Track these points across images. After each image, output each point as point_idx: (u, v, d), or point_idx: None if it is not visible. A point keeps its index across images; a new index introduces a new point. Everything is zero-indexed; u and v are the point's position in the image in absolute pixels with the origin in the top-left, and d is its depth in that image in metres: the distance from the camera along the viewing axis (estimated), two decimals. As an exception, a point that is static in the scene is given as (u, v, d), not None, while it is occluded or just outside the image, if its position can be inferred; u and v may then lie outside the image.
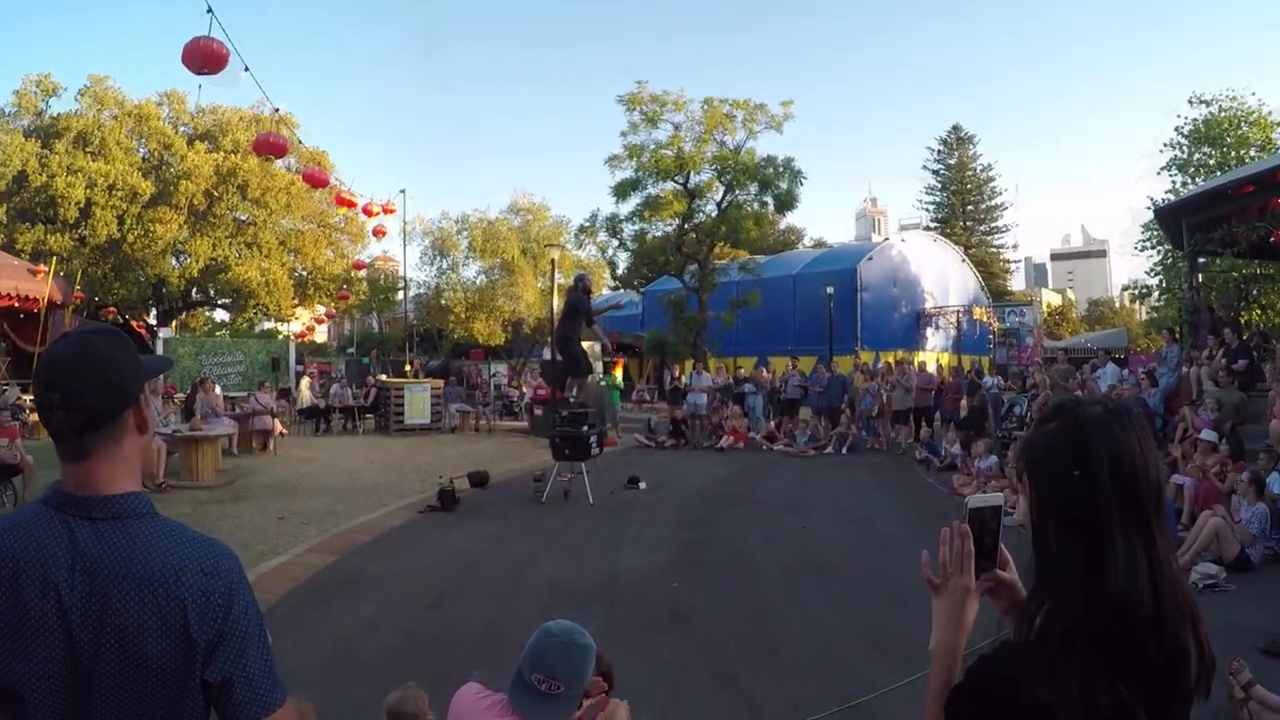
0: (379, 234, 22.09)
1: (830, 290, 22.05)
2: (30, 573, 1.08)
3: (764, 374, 17.43)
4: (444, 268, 26.27)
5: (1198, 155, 22.05)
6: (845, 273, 25.46)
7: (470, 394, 20.97)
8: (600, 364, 19.63)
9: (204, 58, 7.59)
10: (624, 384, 22.37)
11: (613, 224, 22.86)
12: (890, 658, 4.28)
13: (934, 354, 26.11)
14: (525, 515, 8.47)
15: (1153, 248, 22.91)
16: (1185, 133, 22.21)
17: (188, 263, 23.97)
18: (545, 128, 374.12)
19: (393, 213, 19.86)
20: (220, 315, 30.37)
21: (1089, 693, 0.96)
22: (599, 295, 24.01)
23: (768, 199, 21.73)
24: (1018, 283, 61.78)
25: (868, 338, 24.67)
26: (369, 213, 18.99)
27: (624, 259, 28.40)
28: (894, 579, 5.76)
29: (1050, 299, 59.84)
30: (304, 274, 26.39)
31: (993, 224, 47.55)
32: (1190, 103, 22.29)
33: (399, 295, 29.46)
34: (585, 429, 9.41)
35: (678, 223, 22.10)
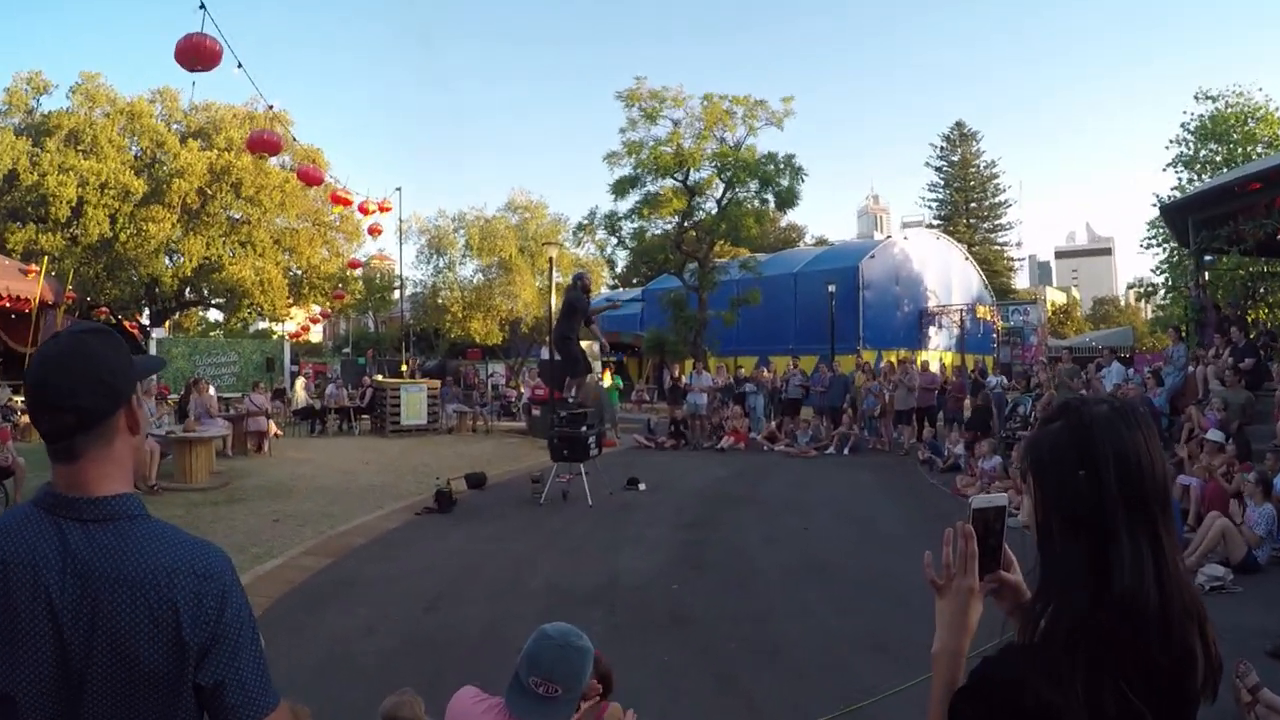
0: (375, 232, 22.12)
1: (832, 289, 21.87)
2: (21, 575, 1.07)
3: (765, 373, 17.43)
4: (441, 266, 26.29)
5: (1204, 152, 21.84)
6: (847, 271, 25.29)
7: (467, 394, 20.95)
8: (599, 364, 19.58)
9: (197, 54, 7.58)
10: (623, 384, 22.25)
11: (611, 222, 22.70)
12: (893, 660, 4.27)
13: (937, 353, 25.99)
14: (523, 517, 8.45)
15: (1159, 245, 22.76)
16: (1191, 129, 22.00)
17: (181, 262, 23.82)
18: (543, 125, 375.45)
19: (389, 211, 19.89)
20: (214, 315, 30.33)
21: (1094, 694, 0.95)
22: (597, 295, 23.97)
23: (768, 196, 21.63)
24: (1022, 281, 61.52)
25: (870, 337, 24.52)
26: (364, 211, 19.01)
27: (623, 257, 28.36)
28: (896, 580, 5.75)
29: (1055, 297, 59.64)
30: (299, 273, 26.25)
31: (996, 221, 47.24)
32: (1196, 99, 22.10)
33: (395, 294, 29.45)
34: (584, 429, 9.39)
35: (677, 220, 21.95)
